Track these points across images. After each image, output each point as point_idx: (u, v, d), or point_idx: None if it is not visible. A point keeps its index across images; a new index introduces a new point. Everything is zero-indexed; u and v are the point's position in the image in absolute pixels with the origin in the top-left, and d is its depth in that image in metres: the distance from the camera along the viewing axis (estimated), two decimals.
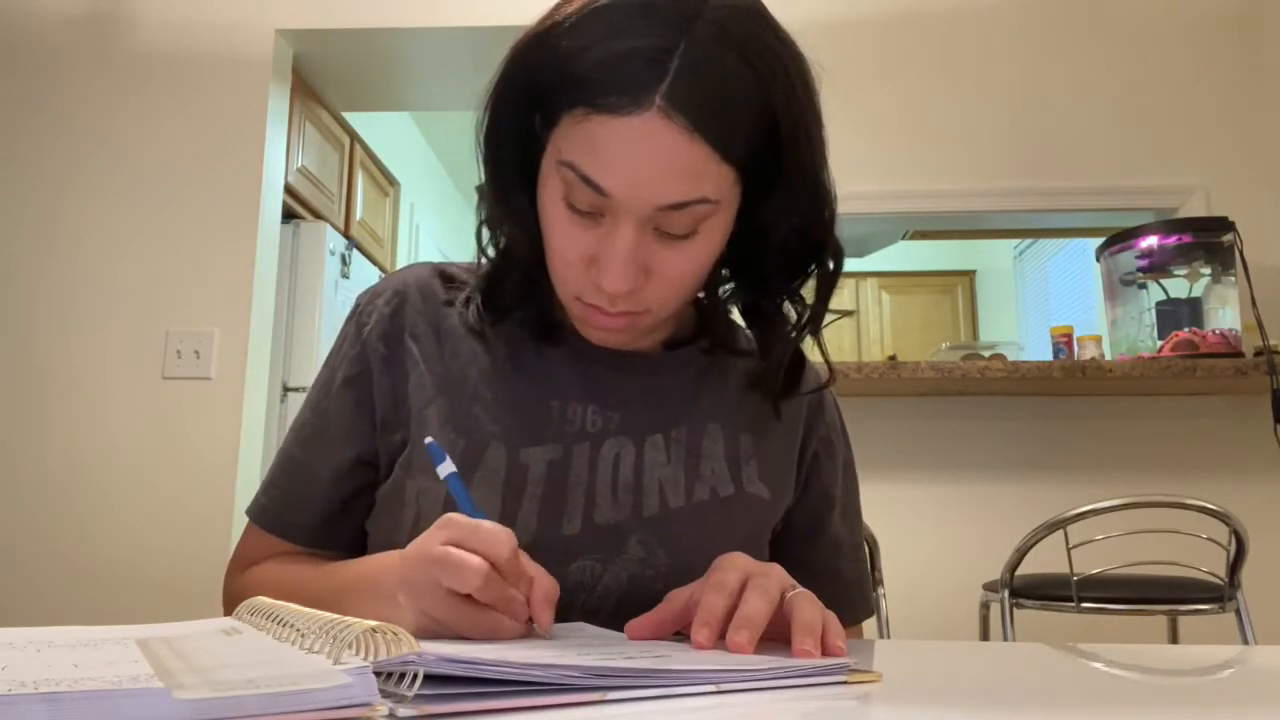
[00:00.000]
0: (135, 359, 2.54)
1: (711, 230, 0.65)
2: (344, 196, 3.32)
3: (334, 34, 2.78)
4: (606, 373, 0.75)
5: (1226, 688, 0.49)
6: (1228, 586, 1.79)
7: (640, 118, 0.58)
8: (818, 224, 0.70)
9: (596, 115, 0.59)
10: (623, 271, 0.63)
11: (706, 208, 0.62)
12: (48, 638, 0.45)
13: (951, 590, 2.26)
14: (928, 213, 2.77)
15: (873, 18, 2.81)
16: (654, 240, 0.64)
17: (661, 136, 0.59)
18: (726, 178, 0.62)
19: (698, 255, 0.66)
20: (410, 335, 0.76)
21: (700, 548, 0.67)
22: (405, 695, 0.33)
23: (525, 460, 0.70)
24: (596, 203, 0.62)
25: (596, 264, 0.64)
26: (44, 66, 2.73)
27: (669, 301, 0.68)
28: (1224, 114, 2.68)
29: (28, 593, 2.43)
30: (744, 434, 0.76)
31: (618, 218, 0.62)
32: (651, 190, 0.60)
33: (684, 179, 0.60)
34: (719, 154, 0.60)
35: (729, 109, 0.60)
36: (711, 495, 0.72)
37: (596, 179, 0.60)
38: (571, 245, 0.65)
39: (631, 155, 0.60)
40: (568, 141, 0.62)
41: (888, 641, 1.67)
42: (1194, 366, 2.15)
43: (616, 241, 0.62)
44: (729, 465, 0.74)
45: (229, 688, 0.30)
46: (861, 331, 5.79)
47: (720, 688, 0.40)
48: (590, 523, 0.69)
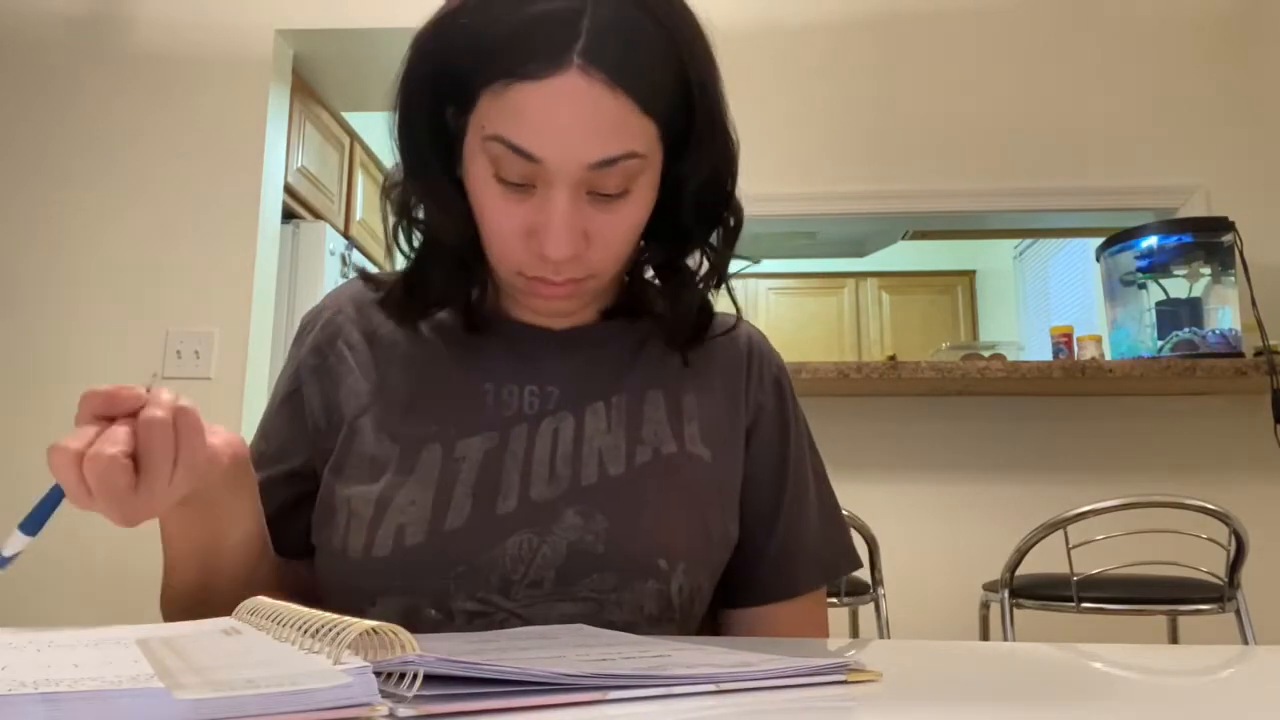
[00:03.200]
0: (135, 359, 2.54)
1: (642, 188, 0.66)
2: (344, 196, 3.32)
3: (334, 34, 2.78)
4: (543, 351, 0.75)
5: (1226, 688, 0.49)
6: (1228, 586, 1.79)
7: (560, 78, 0.59)
8: (728, 175, 0.72)
9: (516, 84, 0.60)
10: (564, 237, 0.63)
11: (636, 163, 0.63)
12: (48, 638, 0.45)
13: (951, 590, 2.26)
14: (928, 213, 2.77)
15: (873, 17, 2.81)
16: (589, 205, 0.64)
17: (584, 93, 0.60)
18: (649, 132, 0.63)
19: (632, 215, 0.66)
20: (344, 343, 0.76)
21: (638, 511, 0.68)
22: (405, 695, 0.33)
23: (461, 453, 0.70)
24: (528, 171, 0.62)
25: (536, 234, 0.64)
26: (44, 67, 2.73)
27: (610, 264, 0.69)
28: (1224, 114, 2.68)
29: (27, 593, 2.43)
30: (686, 397, 0.76)
31: (550, 184, 0.62)
32: (581, 149, 0.61)
33: (611, 134, 0.61)
34: (640, 107, 0.62)
35: (644, 63, 0.62)
36: (654, 456, 0.72)
37: (525, 146, 0.61)
38: (507, 220, 0.65)
39: (557, 116, 0.60)
40: (491, 117, 0.62)
41: (887, 641, 1.67)
42: (1194, 366, 2.15)
43: (553, 208, 0.63)
44: (670, 425, 0.74)
45: (229, 688, 0.30)
46: (861, 331, 5.79)
47: (720, 687, 0.40)
48: (526, 500, 0.68)
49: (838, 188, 2.72)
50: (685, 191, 0.70)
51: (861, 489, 2.27)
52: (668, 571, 0.67)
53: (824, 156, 2.74)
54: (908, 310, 5.84)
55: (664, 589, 0.67)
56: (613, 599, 0.66)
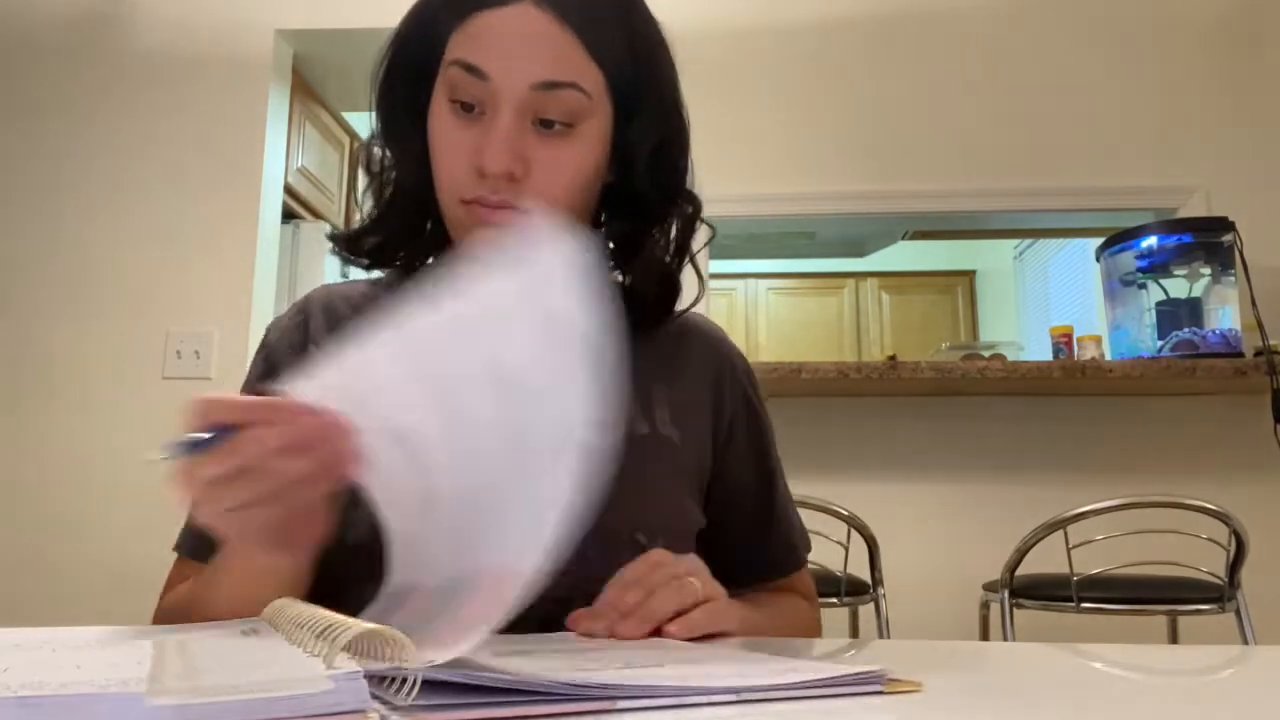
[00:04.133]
0: (135, 359, 2.54)
1: (588, 134, 0.70)
2: (344, 196, 3.32)
3: (334, 34, 2.78)
4: None
5: (1226, 688, 0.49)
6: (1228, 586, 1.79)
7: (515, 7, 0.68)
8: (679, 150, 0.77)
9: (478, 14, 0.68)
10: (500, 149, 0.67)
11: (580, 98, 0.68)
12: (67, 638, 0.45)
13: (951, 590, 2.26)
14: (928, 213, 2.78)
15: (873, 17, 2.81)
16: (533, 134, 0.69)
17: (533, 20, 0.67)
18: (595, 76, 0.69)
19: (576, 153, 0.70)
20: (313, 344, 0.78)
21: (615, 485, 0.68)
22: (400, 704, 0.32)
23: None
24: (478, 92, 0.68)
25: (478, 151, 0.68)
26: (44, 66, 2.73)
27: (550, 199, 0.70)
28: (1224, 114, 2.68)
29: (28, 593, 2.43)
30: (657, 381, 0.78)
31: (497, 105, 0.68)
32: (526, 68, 0.67)
33: (554, 60, 0.68)
34: (586, 49, 0.68)
35: (594, 12, 0.69)
36: (627, 435, 0.73)
37: (477, 62, 0.67)
38: (454, 145, 0.70)
39: (506, 36, 0.67)
40: (454, 47, 0.69)
41: (886, 641, 1.67)
42: (1194, 366, 2.15)
43: (495, 124, 0.68)
44: (642, 408, 0.76)
45: (211, 694, 0.30)
46: (861, 331, 5.79)
47: (741, 697, 0.37)
48: None
49: (837, 188, 2.72)
50: (636, 160, 0.74)
51: (861, 489, 2.27)
52: (646, 545, 0.69)
53: (824, 156, 2.74)
54: (908, 310, 5.84)
55: None
56: (594, 574, 0.65)
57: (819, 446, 2.39)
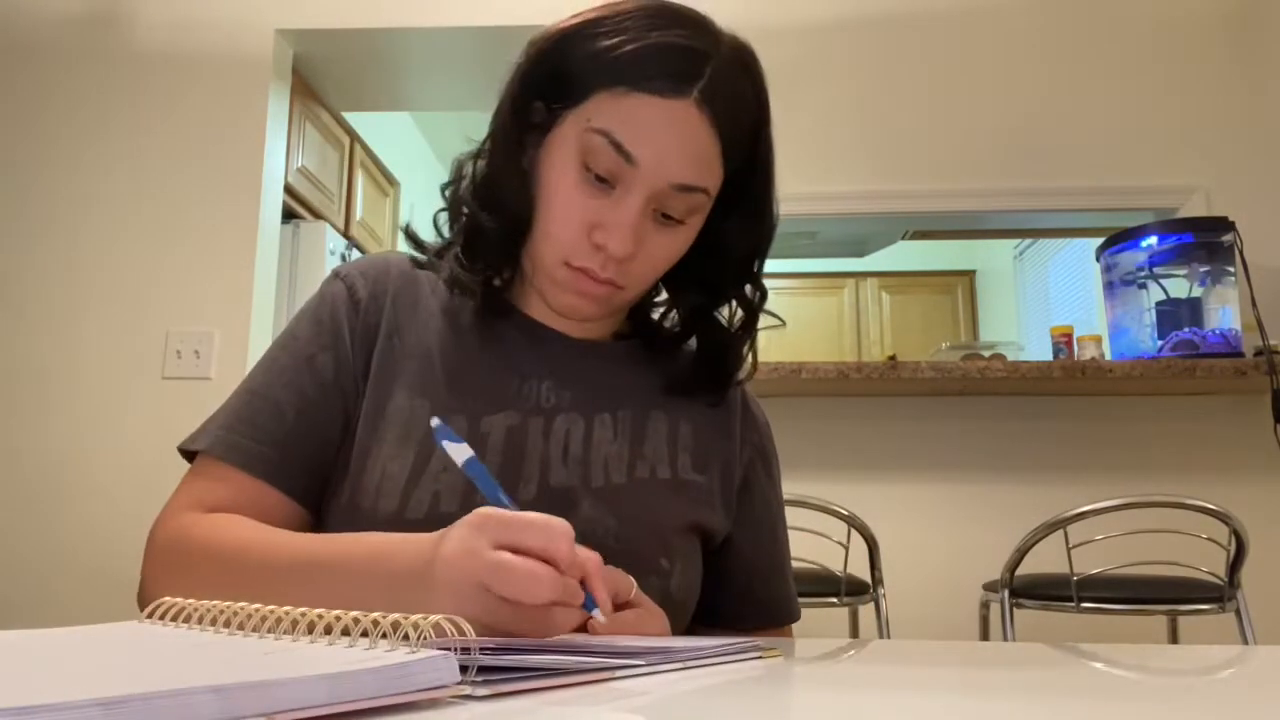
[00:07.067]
0: (135, 359, 2.54)
1: (694, 225, 0.74)
2: (344, 196, 3.32)
3: (334, 34, 2.78)
4: (561, 353, 0.79)
5: (1226, 688, 0.49)
6: (1228, 586, 1.79)
7: (679, 103, 0.68)
8: (765, 247, 0.80)
9: (637, 94, 0.68)
10: (630, 236, 0.69)
11: (702, 199, 0.71)
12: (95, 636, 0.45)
13: (951, 590, 2.26)
14: (927, 213, 2.77)
15: (873, 17, 2.81)
16: (650, 222, 0.71)
17: (693, 123, 0.68)
18: (719, 179, 0.72)
19: (679, 244, 0.74)
20: (392, 303, 0.79)
21: (643, 518, 0.73)
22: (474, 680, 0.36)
23: (486, 429, 0.73)
24: (617, 169, 0.69)
25: (600, 229, 0.70)
26: (43, 66, 2.73)
27: (643, 281, 0.75)
28: (1224, 114, 2.68)
29: (28, 593, 2.43)
30: (682, 425, 0.81)
31: (631, 189, 0.69)
32: (673, 167, 0.68)
33: (699, 165, 0.69)
34: (723, 154, 0.70)
35: (738, 121, 0.71)
36: (651, 475, 0.77)
37: (629, 146, 0.68)
38: (576, 209, 0.70)
39: (665, 132, 0.68)
40: (602, 113, 0.69)
41: (887, 641, 1.67)
42: (1194, 366, 2.15)
43: (628, 208, 0.69)
44: (669, 450, 0.79)
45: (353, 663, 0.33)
46: (861, 331, 5.79)
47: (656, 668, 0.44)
48: (545, 486, 0.72)
49: (838, 188, 2.72)
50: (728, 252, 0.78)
51: (861, 489, 2.27)
52: (669, 570, 0.73)
53: (824, 156, 2.74)
54: (908, 310, 5.84)
55: (665, 585, 0.72)
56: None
57: (819, 446, 2.39)
